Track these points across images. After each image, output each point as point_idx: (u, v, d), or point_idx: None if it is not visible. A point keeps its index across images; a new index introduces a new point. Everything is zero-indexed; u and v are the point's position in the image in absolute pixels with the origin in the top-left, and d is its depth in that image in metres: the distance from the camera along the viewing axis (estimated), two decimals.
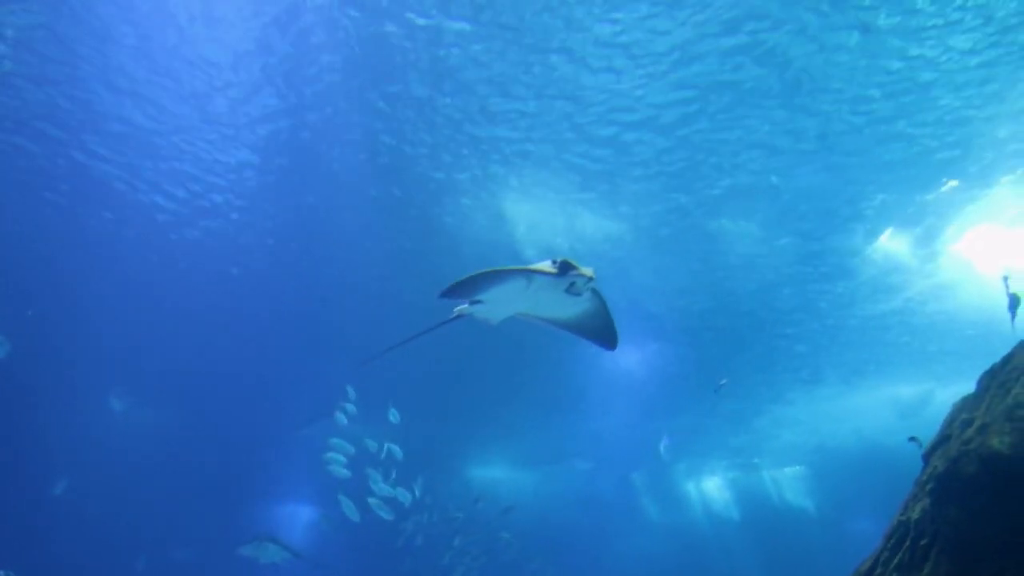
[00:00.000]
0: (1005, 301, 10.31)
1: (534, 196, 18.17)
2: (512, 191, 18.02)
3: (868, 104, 15.29)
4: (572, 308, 8.22)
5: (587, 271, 7.52)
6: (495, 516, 29.55)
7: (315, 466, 29.07)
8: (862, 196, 18.14)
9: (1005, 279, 10.75)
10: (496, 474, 39.39)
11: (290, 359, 25.85)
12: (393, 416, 21.17)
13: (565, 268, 7.55)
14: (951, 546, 7.27)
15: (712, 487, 46.47)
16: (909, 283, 21.94)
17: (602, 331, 8.68)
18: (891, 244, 20.24)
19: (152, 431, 29.69)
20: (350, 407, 21.70)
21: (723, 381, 21.34)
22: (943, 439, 7.95)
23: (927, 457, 8.08)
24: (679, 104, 15.31)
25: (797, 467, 44.10)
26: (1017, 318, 9.65)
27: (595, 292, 8.09)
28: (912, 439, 8.89)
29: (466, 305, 8.39)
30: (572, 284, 7.58)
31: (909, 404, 31.41)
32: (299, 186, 18.09)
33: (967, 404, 7.98)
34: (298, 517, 37.71)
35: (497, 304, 8.24)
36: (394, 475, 22.31)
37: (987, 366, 8.17)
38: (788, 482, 45.85)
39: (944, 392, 28.91)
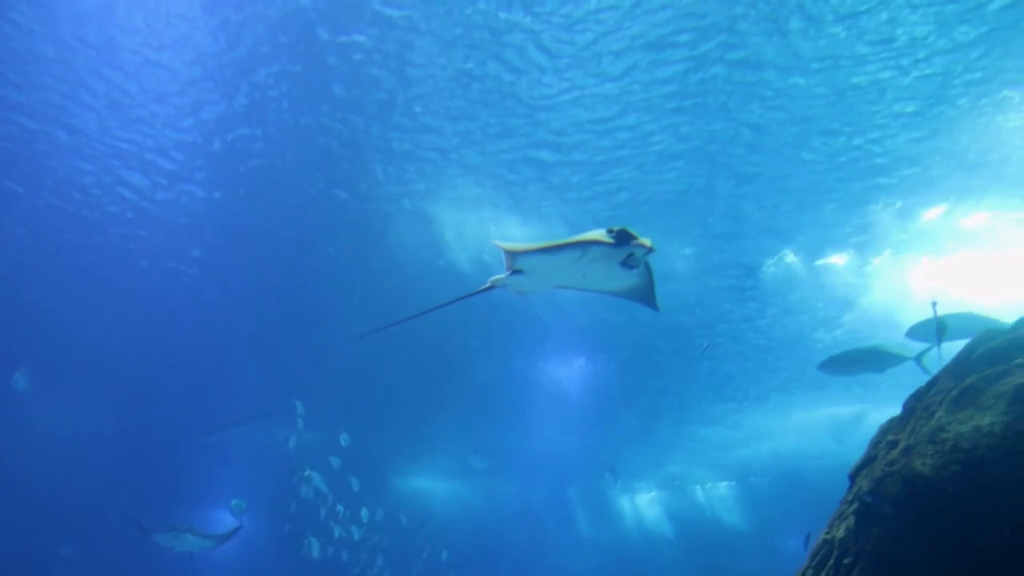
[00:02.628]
0: (933, 327, 10.57)
1: (465, 206, 18.15)
2: (444, 201, 17.99)
3: (805, 127, 15.58)
4: (622, 281, 7.85)
5: (646, 241, 7.11)
6: (417, 530, 29.38)
7: (239, 471, 28.60)
8: (795, 217, 18.45)
9: (934, 305, 11.03)
10: (429, 486, 39.19)
11: (213, 362, 25.41)
12: (299, 408, 20.98)
13: (624, 238, 7.12)
14: (873, 565, 7.39)
15: (646, 503, 46.80)
16: (841, 305, 22.38)
17: (646, 298, 8.23)
18: (825, 266, 20.64)
19: (61, 422, 28.69)
20: (299, 422, 21.57)
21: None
22: (869, 459, 8.09)
23: (853, 477, 8.23)
24: (603, 120, 15.46)
25: (730, 483, 44.63)
26: (943, 344, 9.89)
27: (646, 264, 7.67)
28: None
29: (504, 275, 7.91)
30: (630, 256, 7.18)
31: (841, 424, 32.03)
32: (231, 189, 17.85)
33: (893, 426, 8.15)
34: (220, 523, 37.08)
35: (540, 275, 7.83)
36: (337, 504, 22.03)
37: (914, 389, 8.36)
38: (721, 498, 46.37)
39: (875, 413, 29.54)
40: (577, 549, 46.90)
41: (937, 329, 10.51)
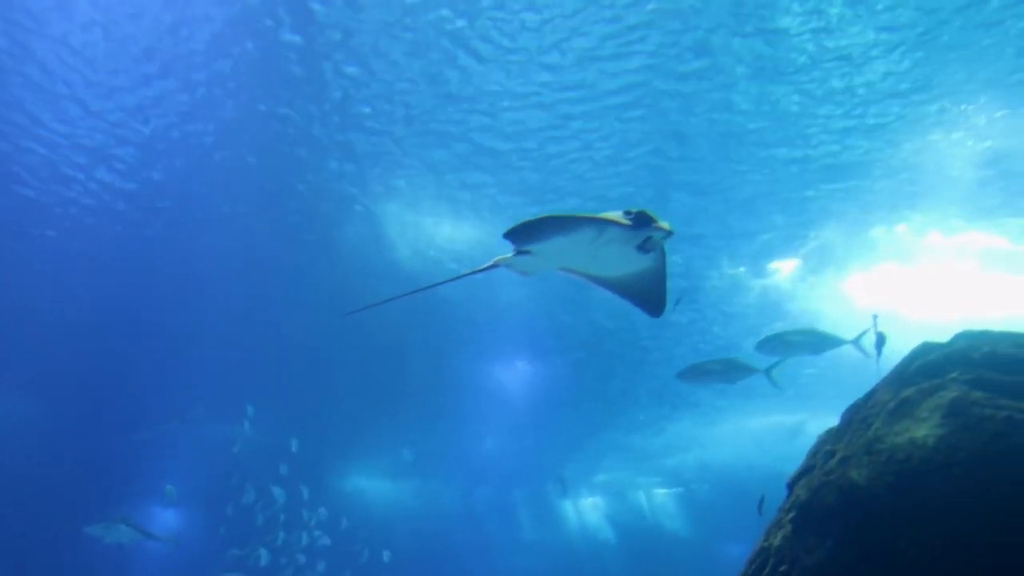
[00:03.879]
0: (873, 339, 10.77)
1: (412, 204, 18.09)
2: (391, 199, 17.91)
3: (745, 138, 15.80)
4: (634, 265, 7.40)
5: (665, 225, 6.81)
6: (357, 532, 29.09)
7: (181, 469, 28.12)
8: (738, 226, 18.67)
9: (875, 318, 11.22)
10: (371, 486, 38.94)
11: (143, 360, 24.98)
12: (249, 411, 20.76)
13: (643, 221, 6.77)
14: (809, 573, 7.49)
15: (590, 507, 47.00)
16: (787, 314, 22.70)
17: (653, 294, 7.84)
18: (770, 276, 20.93)
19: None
20: (247, 425, 21.28)
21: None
22: (807, 469, 8.20)
23: (791, 486, 8.33)
24: (550, 127, 15.57)
25: (673, 490, 45.02)
26: (882, 357, 10.08)
27: (662, 252, 7.33)
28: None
29: (510, 254, 7.40)
30: (648, 239, 6.83)
31: (783, 432, 32.47)
32: (163, 184, 17.62)
33: (831, 436, 8.27)
34: (157, 521, 36.32)
35: (549, 255, 7.31)
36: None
37: (854, 400, 8.50)
38: (664, 504, 46.74)
39: (816, 422, 29.99)
40: (520, 552, 46.92)
41: (877, 342, 10.71)
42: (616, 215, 6.79)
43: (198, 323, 22.95)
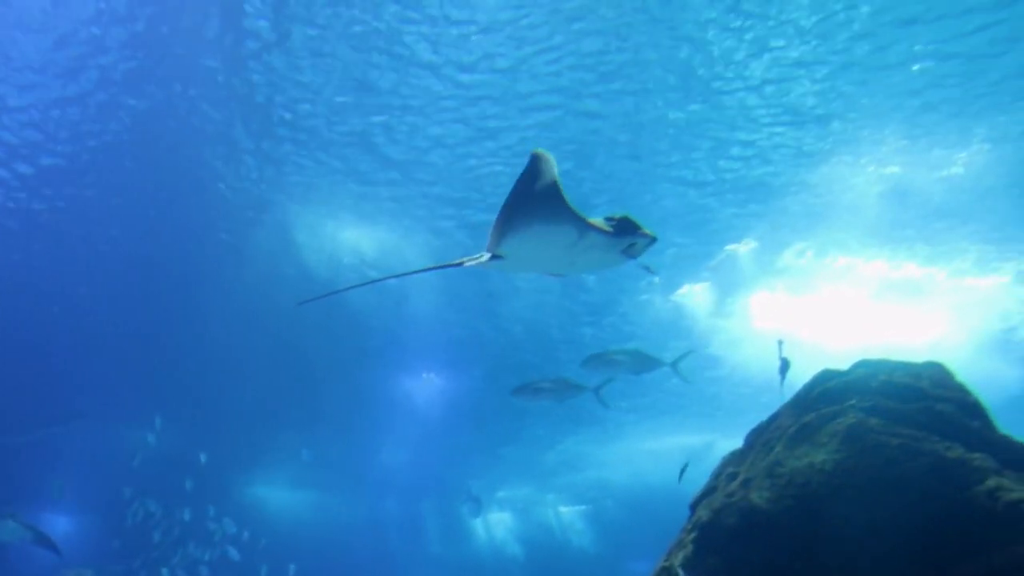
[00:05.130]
0: (778, 364, 11.00)
1: (328, 210, 17.88)
2: (308, 203, 17.67)
3: (664, 158, 16.01)
4: (611, 265, 7.18)
5: (649, 232, 6.60)
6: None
7: (77, 473, 27.08)
8: (655, 247, 18.89)
9: (780, 343, 11.44)
10: (279, 497, 38.23)
11: (34, 361, 24.10)
12: (157, 424, 20.28)
13: (627, 228, 6.53)
14: None
15: (498, 522, 46.95)
16: (697, 337, 23.08)
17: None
18: (680, 295, 21.28)
19: None
20: (151, 437, 20.73)
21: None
22: (709, 490, 8.33)
23: (693, 507, 8.44)
24: (468, 140, 15.61)
25: (580, 506, 45.29)
26: (786, 381, 10.29)
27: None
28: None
29: (483, 256, 6.90)
30: (632, 246, 6.61)
31: (691, 452, 32.93)
32: (63, 177, 16.99)
33: (734, 458, 8.42)
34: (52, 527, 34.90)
35: (522, 259, 6.86)
36: None
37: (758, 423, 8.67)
38: (571, 521, 46.97)
39: (724, 443, 30.53)
40: (426, 566, 46.55)
41: (782, 367, 10.93)
42: (598, 222, 6.56)
43: (94, 325, 22.19)
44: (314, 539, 37.87)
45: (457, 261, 7.17)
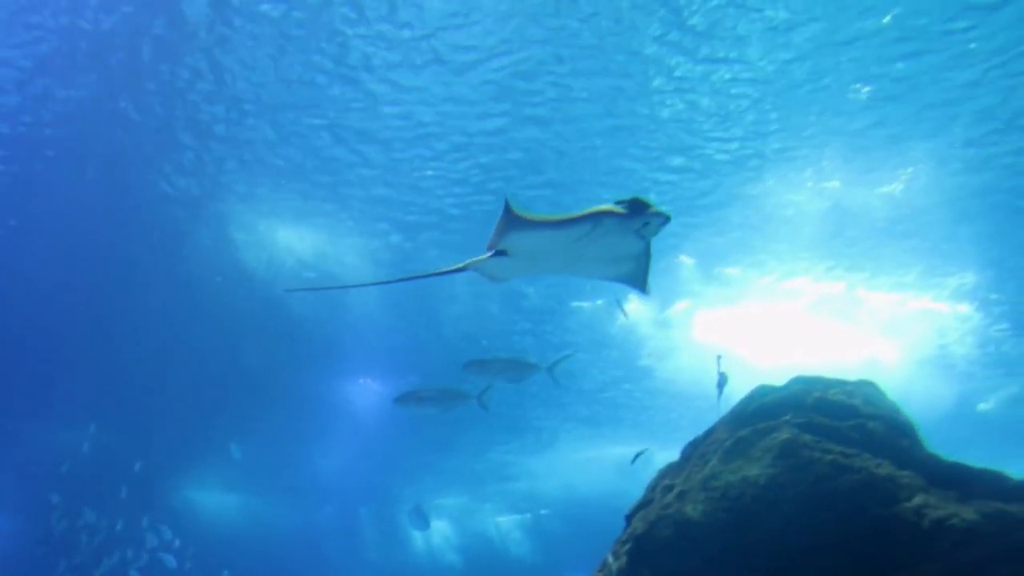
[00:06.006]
0: (716, 378, 11.13)
1: (259, 210, 17.65)
2: (247, 204, 17.42)
3: (603, 170, 16.08)
4: (626, 252, 6.93)
5: (662, 210, 6.47)
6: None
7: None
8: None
9: (719, 358, 11.58)
10: (215, 500, 37.55)
11: None
12: (91, 429, 19.86)
13: (639, 207, 6.42)
14: None
15: (436, 531, 46.68)
16: (638, 351, 23.25)
17: (639, 276, 7.28)
18: (621, 309, 21.38)
19: None
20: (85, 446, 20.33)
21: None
22: (645, 502, 8.38)
23: (629, 518, 8.49)
24: (408, 143, 15.49)
25: (520, 516, 45.29)
26: (723, 396, 10.42)
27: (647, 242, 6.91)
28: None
29: (487, 255, 6.85)
30: (645, 225, 6.46)
31: (629, 464, 33.10)
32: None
33: (670, 471, 8.49)
34: None
35: (529, 256, 6.82)
36: None
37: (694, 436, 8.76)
38: (510, 530, 46.96)
39: (663, 455, 30.75)
40: (362, 573, 46.11)
41: (719, 382, 11.06)
42: (607, 207, 6.55)
43: (21, 322, 21.64)
44: (248, 545, 37.31)
45: (462, 265, 7.13)
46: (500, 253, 6.80)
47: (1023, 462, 31.10)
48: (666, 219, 6.45)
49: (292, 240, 18.48)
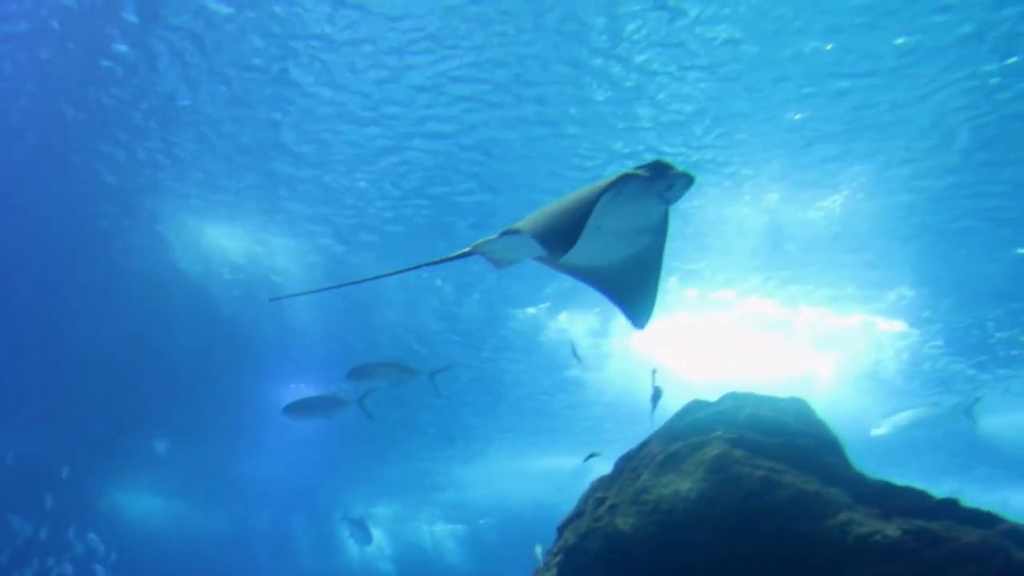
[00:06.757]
0: (651, 392, 11.20)
1: (193, 208, 17.38)
2: (175, 204, 17.16)
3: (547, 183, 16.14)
4: (646, 223, 6.41)
5: (686, 171, 6.04)
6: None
7: None
8: (538, 276, 19.03)
9: (654, 372, 11.64)
10: (143, 505, 36.72)
11: None
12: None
13: (661, 168, 6.00)
14: None
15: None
16: (568, 361, 23.27)
17: (654, 261, 6.74)
18: (561, 320, 21.46)
19: None
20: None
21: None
22: (577, 514, 8.38)
23: (561, 530, 8.48)
24: (353, 145, 15.46)
25: (454, 525, 45.17)
26: (657, 410, 10.50)
27: (666, 219, 6.50)
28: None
29: (495, 236, 6.51)
30: (670, 187, 6.05)
31: (566, 475, 33.20)
32: None
33: (602, 483, 8.49)
34: None
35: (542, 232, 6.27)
36: None
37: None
38: (444, 539, 46.81)
39: (601, 467, 30.86)
40: None
41: (654, 396, 11.13)
42: (628, 171, 6.05)
43: None
44: (177, 552, 36.61)
45: (469, 248, 6.78)
46: (512, 232, 6.44)
47: (963, 473, 32.00)
48: (691, 180, 6.09)
49: (223, 240, 18.21)
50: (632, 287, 6.94)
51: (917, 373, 24.13)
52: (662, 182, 6.00)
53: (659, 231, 6.58)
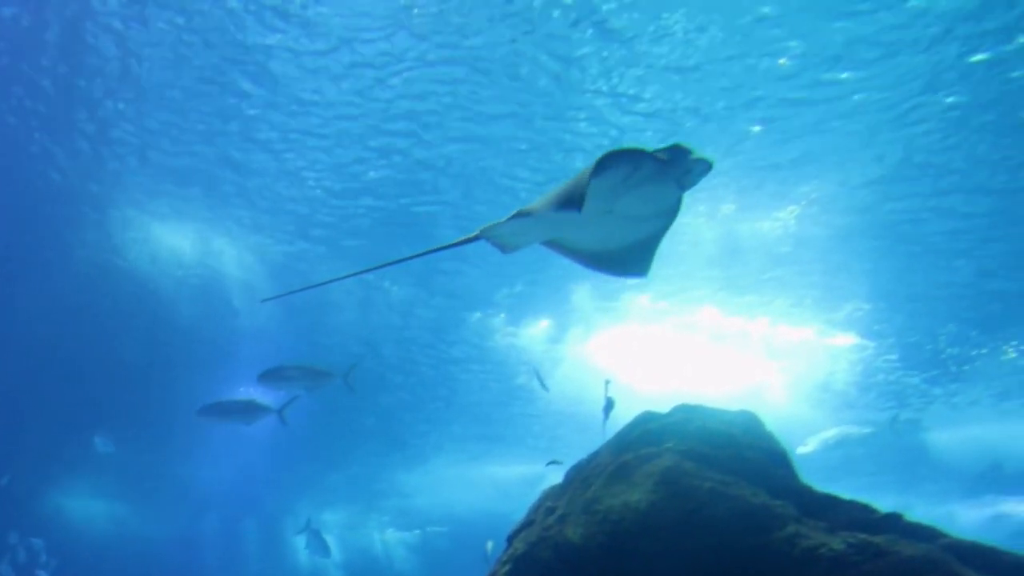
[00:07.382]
0: (603, 403, 11.25)
1: (144, 206, 17.21)
2: (126, 202, 16.98)
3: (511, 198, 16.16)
4: (656, 208, 6.27)
5: (706, 156, 5.90)
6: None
7: None
8: (498, 285, 19.04)
9: (607, 383, 11.70)
10: (89, 507, 36.00)
11: None
12: None
13: (680, 152, 5.79)
14: None
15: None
16: (518, 369, 23.32)
17: (651, 246, 6.64)
18: (521, 329, 21.47)
19: None
20: None
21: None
22: (527, 523, 8.36)
23: (511, 539, 8.46)
24: (307, 149, 15.45)
25: (405, 532, 44.96)
26: (609, 421, 10.53)
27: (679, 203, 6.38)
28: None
29: (503, 220, 6.25)
30: (687, 173, 5.90)
31: (516, 484, 33.21)
32: None
33: (553, 493, 8.49)
34: None
35: (551, 211, 6.00)
36: None
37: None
38: (395, 546, 46.56)
39: (557, 475, 30.87)
40: None
41: (606, 406, 11.18)
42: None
43: None
44: (122, 555, 35.98)
45: (476, 233, 6.48)
46: (521, 215, 6.20)
47: (922, 484, 32.44)
48: (709, 165, 5.98)
49: (174, 239, 18.00)
50: (635, 261, 6.84)
51: (872, 385, 24.46)
52: (680, 166, 5.89)
53: (670, 217, 6.53)
